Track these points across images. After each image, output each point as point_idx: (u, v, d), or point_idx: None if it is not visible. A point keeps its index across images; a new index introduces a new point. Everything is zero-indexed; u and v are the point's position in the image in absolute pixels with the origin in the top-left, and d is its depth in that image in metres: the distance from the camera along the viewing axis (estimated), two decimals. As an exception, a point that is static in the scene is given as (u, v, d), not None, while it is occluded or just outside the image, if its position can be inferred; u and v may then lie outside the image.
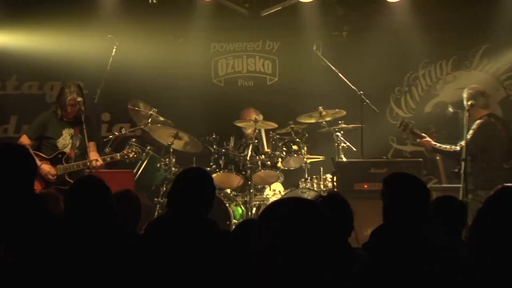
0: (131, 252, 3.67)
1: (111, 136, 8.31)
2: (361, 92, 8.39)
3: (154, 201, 8.14)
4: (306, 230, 2.20)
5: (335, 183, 8.11)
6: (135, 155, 7.38)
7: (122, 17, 8.97)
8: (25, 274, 3.04)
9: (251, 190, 8.05)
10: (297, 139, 8.44)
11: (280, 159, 8.30)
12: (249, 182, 8.11)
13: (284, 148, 8.33)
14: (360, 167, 8.01)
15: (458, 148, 7.33)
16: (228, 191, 8.34)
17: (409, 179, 3.86)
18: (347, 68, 8.69)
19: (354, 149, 8.35)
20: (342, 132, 8.42)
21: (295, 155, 8.32)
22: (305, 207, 2.35)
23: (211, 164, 8.38)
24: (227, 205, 7.79)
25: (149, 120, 8.44)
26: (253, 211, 7.90)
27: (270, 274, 2.26)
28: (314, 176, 8.51)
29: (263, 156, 8.29)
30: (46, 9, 9.32)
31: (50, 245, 3.23)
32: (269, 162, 8.24)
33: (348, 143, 8.36)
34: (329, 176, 8.34)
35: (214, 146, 8.40)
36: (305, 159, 8.38)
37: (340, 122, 8.54)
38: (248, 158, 8.18)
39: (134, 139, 8.80)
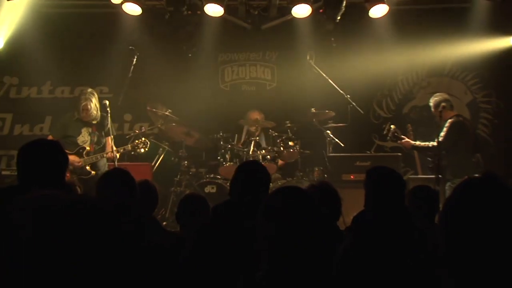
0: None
1: (132, 134, 8.35)
2: (348, 95, 8.42)
3: (169, 190, 8.18)
4: (301, 211, 2.26)
5: (325, 174, 8.14)
6: (143, 145, 7.47)
7: (142, 32, 8.97)
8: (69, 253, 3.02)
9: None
10: (293, 136, 8.45)
11: (278, 153, 8.32)
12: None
13: (281, 144, 8.34)
14: (347, 160, 8.05)
15: (435, 143, 7.37)
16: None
17: (388, 172, 3.89)
18: (336, 75, 8.68)
19: (342, 145, 8.36)
20: (331, 130, 8.44)
21: (291, 150, 8.32)
22: (299, 195, 2.40)
23: (219, 158, 8.39)
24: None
25: (165, 120, 8.48)
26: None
27: (273, 250, 2.29)
28: (307, 168, 8.53)
29: (263, 151, 8.30)
30: (79, 24, 9.37)
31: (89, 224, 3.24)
32: (268, 156, 8.25)
33: (336, 140, 8.37)
34: (320, 168, 8.36)
35: (221, 142, 8.41)
36: (299, 153, 8.40)
37: (329, 121, 8.56)
38: (250, 153, 8.20)
39: (151, 137, 8.84)
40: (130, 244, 3.02)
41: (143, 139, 7.54)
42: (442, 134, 7.33)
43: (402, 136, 7.83)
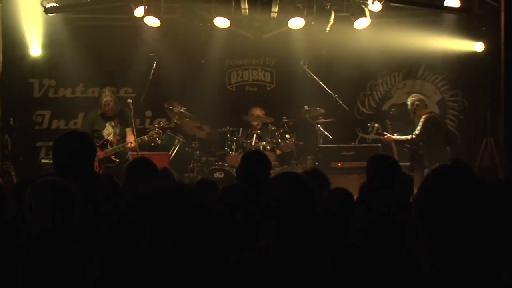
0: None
1: (152, 128, 8.34)
2: (336, 95, 8.43)
3: (183, 175, 8.17)
4: (298, 192, 2.26)
5: (316, 162, 8.14)
6: (158, 135, 7.52)
7: (161, 41, 8.96)
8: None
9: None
10: (289, 130, 8.46)
11: (276, 145, 8.31)
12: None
13: (279, 137, 8.34)
14: (335, 150, 8.08)
15: (414, 136, 7.45)
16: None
17: (385, 158, 3.96)
18: (325, 77, 8.72)
19: (331, 137, 8.36)
20: (321, 124, 8.44)
21: (287, 141, 8.32)
22: (295, 177, 2.40)
23: (226, 148, 8.41)
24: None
25: (180, 116, 8.46)
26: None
27: (276, 226, 2.28)
28: (301, 157, 8.52)
29: (264, 142, 8.29)
30: (107, 35, 9.35)
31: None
32: (268, 147, 8.25)
33: (326, 133, 8.36)
34: (312, 157, 8.36)
35: (228, 135, 8.42)
36: (294, 145, 8.40)
37: (320, 117, 8.57)
38: (253, 144, 8.19)
39: (169, 130, 8.84)
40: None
41: (157, 130, 7.56)
42: (418, 128, 7.46)
43: (384, 133, 7.91)
